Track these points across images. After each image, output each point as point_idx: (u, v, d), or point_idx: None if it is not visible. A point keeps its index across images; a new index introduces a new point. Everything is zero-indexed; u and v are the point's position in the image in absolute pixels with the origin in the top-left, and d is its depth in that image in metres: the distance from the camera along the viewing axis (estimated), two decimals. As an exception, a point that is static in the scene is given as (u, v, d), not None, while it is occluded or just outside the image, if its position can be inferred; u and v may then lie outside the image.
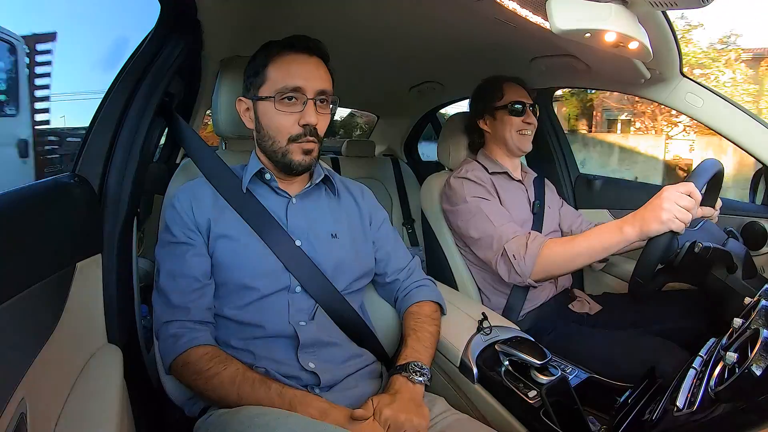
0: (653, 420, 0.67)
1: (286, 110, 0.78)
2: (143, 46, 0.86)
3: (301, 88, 0.78)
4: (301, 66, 0.79)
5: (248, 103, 0.83)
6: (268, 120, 0.80)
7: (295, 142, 0.80)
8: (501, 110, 1.23)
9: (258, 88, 0.81)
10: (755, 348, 0.55)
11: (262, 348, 0.77)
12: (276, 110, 0.79)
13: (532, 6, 0.83)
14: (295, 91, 0.78)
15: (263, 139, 0.82)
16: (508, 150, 1.26)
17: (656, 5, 0.72)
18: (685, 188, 0.84)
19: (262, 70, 0.81)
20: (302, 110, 0.78)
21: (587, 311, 1.23)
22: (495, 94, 1.24)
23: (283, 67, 0.79)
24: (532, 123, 1.23)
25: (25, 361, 0.50)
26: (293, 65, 0.79)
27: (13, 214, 0.56)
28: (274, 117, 0.79)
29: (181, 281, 0.76)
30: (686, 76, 1.18)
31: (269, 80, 0.80)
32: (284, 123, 0.79)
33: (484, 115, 1.27)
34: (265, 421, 0.59)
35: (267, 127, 0.81)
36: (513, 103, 1.22)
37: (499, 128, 1.24)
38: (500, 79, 1.26)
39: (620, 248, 0.91)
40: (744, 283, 0.88)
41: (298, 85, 0.78)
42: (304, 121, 0.78)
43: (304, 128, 0.79)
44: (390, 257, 0.94)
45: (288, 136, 0.79)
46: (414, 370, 0.76)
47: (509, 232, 1.06)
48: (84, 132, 0.83)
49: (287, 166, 0.81)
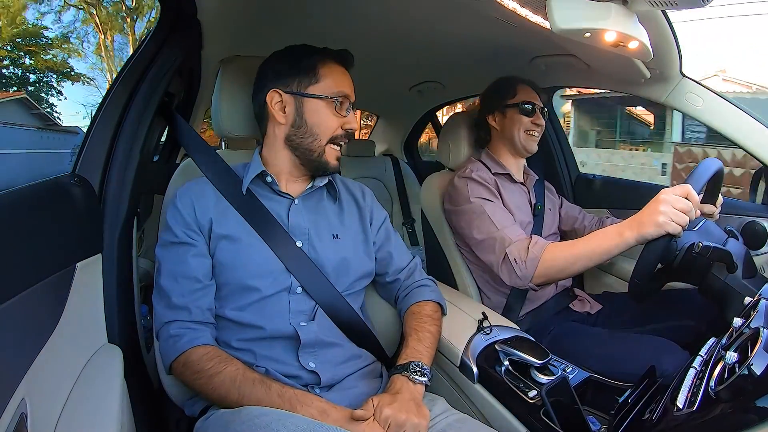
0: (653, 420, 0.67)
1: (336, 113, 0.83)
2: (143, 46, 0.86)
3: (348, 95, 0.85)
4: (346, 77, 0.86)
5: (285, 97, 0.83)
6: (317, 118, 0.82)
7: (332, 144, 0.84)
8: (511, 108, 1.24)
9: (308, 85, 0.82)
10: (755, 348, 0.55)
11: (263, 348, 0.77)
12: (329, 111, 0.83)
13: (532, 5, 0.83)
14: (345, 98, 0.84)
15: (301, 135, 0.83)
16: (514, 149, 1.26)
17: (656, 5, 0.72)
18: (682, 191, 0.85)
19: (313, 69, 0.83)
20: (347, 116, 0.84)
21: (588, 310, 1.23)
22: (508, 92, 1.26)
23: (336, 74, 0.84)
24: (540, 125, 1.24)
25: (25, 361, 0.50)
26: (342, 75, 0.85)
27: (13, 215, 0.56)
28: (326, 117, 0.83)
29: (182, 282, 0.76)
30: (686, 75, 1.18)
31: (323, 82, 0.83)
32: (332, 124, 0.83)
33: (494, 111, 1.28)
34: (266, 421, 0.59)
35: (313, 125, 0.82)
36: (524, 102, 1.23)
37: (508, 126, 1.25)
38: (515, 79, 1.28)
39: (620, 252, 0.92)
40: (744, 283, 0.87)
41: (347, 92, 0.84)
42: (348, 126, 0.84)
43: (346, 132, 0.84)
44: (391, 257, 0.94)
45: (330, 137, 0.83)
46: (415, 370, 0.76)
47: (512, 235, 1.06)
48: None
49: (321, 166, 0.84)
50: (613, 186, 1.57)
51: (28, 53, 11.87)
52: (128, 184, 0.81)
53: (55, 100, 12.32)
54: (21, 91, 11.58)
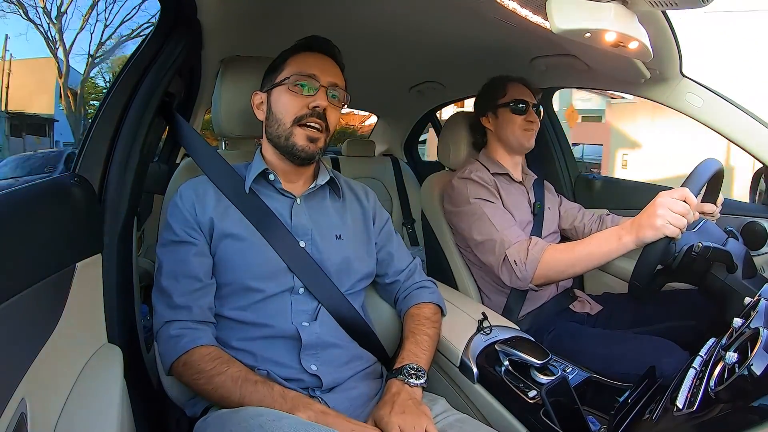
0: (653, 420, 0.67)
1: (297, 92, 0.81)
2: (143, 46, 0.86)
3: (315, 76, 0.81)
4: (317, 60, 0.83)
5: (263, 96, 0.86)
6: (280, 104, 0.82)
7: (300, 125, 0.80)
8: (503, 108, 1.24)
9: (274, 79, 0.83)
10: (755, 348, 0.55)
11: (264, 349, 0.77)
12: (288, 91, 0.81)
13: (532, 6, 0.83)
14: (309, 78, 0.81)
15: (271, 125, 0.83)
16: (511, 148, 1.26)
17: (656, 5, 0.72)
18: (679, 193, 0.85)
19: (280, 64, 0.84)
20: (314, 94, 0.81)
21: (588, 311, 1.23)
22: (498, 92, 1.25)
23: (300, 59, 0.83)
24: (534, 122, 1.23)
25: (25, 361, 0.50)
26: (310, 59, 0.83)
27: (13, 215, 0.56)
28: (288, 100, 0.81)
29: (183, 281, 0.76)
30: (686, 75, 1.18)
31: (286, 69, 0.83)
32: (293, 104, 0.81)
33: (487, 112, 1.28)
34: (260, 422, 0.59)
35: (277, 112, 0.82)
36: (515, 101, 1.23)
37: (501, 126, 1.25)
38: (505, 79, 1.28)
39: (619, 255, 0.92)
40: (744, 283, 0.87)
41: (312, 72, 0.81)
42: (314, 104, 0.80)
43: (313, 110, 0.80)
44: (391, 258, 0.94)
45: (294, 117, 0.81)
46: (410, 374, 0.76)
47: (511, 237, 1.06)
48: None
49: (290, 150, 0.82)
50: (613, 186, 1.57)
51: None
52: (128, 184, 0.80)
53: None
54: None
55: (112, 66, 7.89)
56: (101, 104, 0.82)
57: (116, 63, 7.74)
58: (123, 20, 4.48)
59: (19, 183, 0.66)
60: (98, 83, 8.20)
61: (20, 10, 4.42)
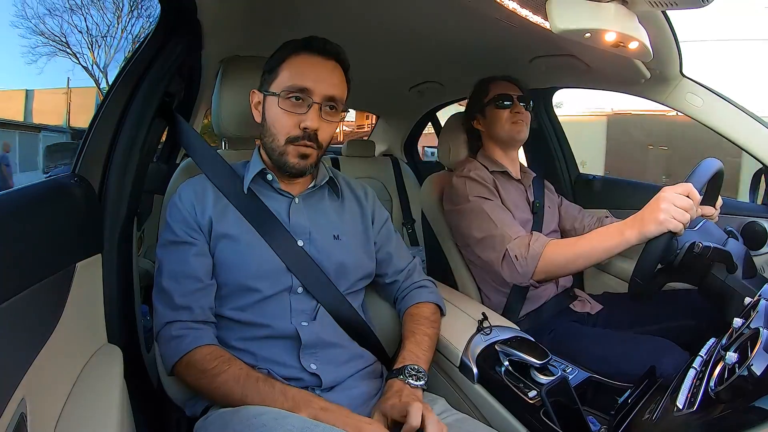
0: (653, 420, 0.67)
1: (289, 110, 0.78)
2: (143, 46, 0.86)
3: (308, 90, 0.77)
4: (314, 68, 0.79)
5: (260, 97, 0.84)
6: (273, 116, 0.80)
7: (293, 144, 0.79)
8: (488, 106, 1.26)
9: (270, 83, 0.81)
10: (755, 348, 0.55)
11: (263, 349, 0.77)
12: (279, 108, 0.78)
13: (532, 6, 0.83)
14: (302, 92, 0.77)
15: (266, 134, 0.82)
16: (504, 143, 1.27)
17: (656, 5, 0.72)
18: (683, 188, 0.85)
19: (276, 66, 0.81)
20: (306, 113, 0.77)
21: (588, 311, 1.23)
22: (482, 93, 1.27)
23: (296, 66, 0.79)
24: (521, 113, 1.23)
25: (25, 361, 0.50)
26: (306, 66, 0.79)
27: (13, 214, 0.56)
28: (277, 115, 0.79)
29: (184, 281, 0.76)
30: (686, 75, 1.18)
31: (281, 76, 0.80)
32: (285, 123, 0.78)
33: (475, 115, 1.30)
34: (262, 421, 0.59)
35: (270, 124, 0.81)
36: (498, 96, 1.24)
37: (490, 124, 1.26)
38: (488, 80, 1.29)
39: (621, 250, 0.91)
40: (744, 283, 0.87)
41: (305, 86, 0.77)
42: (304, 125, 0.77)
43: (303, 132, 0.78)
44: (391, 258, 0.94)
45: (287, 137, 0.79)
46: (410, 374, 0.75)
47: (512, 233, 1.06)
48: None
49: (282, 166, 0.81)
50: (613, 186, 1.57)
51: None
52: (128, 184, 0.80)
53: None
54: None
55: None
56: (101, 104, 0.82)
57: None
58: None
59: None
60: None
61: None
